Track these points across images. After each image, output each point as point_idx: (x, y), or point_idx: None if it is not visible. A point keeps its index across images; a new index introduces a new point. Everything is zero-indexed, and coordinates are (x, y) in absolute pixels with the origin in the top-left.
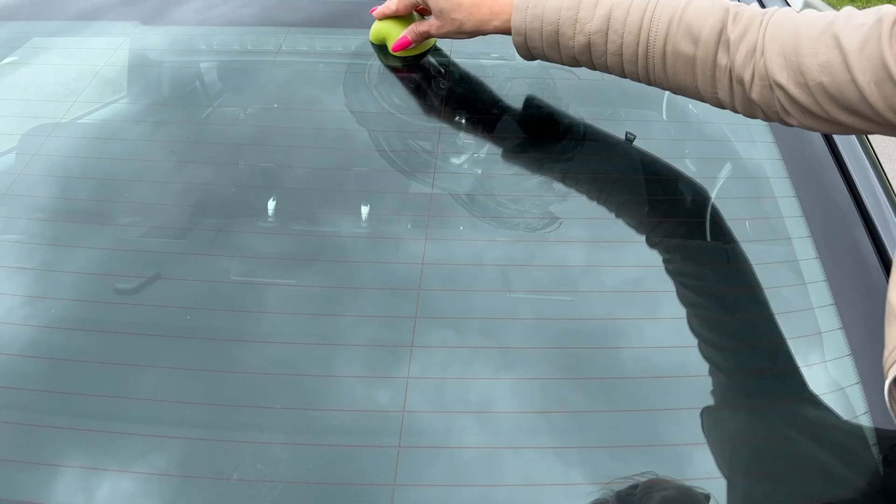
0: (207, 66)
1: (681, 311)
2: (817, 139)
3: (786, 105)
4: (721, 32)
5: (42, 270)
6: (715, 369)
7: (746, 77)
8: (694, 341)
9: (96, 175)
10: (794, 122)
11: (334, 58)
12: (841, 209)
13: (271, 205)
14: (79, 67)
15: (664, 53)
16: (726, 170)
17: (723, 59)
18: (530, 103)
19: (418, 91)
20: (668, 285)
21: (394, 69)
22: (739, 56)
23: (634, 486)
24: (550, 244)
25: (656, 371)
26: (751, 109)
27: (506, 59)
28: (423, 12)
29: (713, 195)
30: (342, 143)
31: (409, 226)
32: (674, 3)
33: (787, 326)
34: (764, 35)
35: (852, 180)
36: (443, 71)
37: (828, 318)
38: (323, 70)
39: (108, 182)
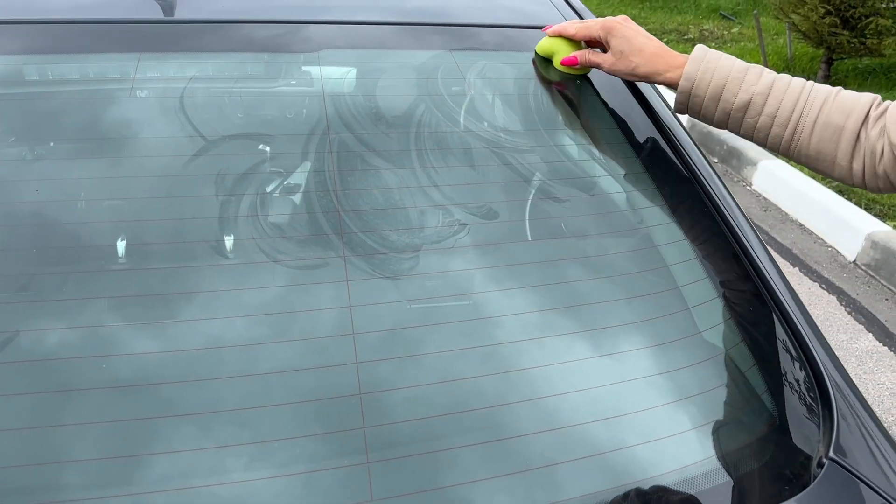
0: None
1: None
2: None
3: None
4: (869, 111)
5: None
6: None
7: (878, 149)
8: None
9: None
10: None
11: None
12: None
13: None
14: None
15: (815, 122)
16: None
17: (862, 133)
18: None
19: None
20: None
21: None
22: (874, 132)
23: None
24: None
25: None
26: (875, 181)
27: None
28: (592, 44)
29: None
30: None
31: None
32: (827, 88)
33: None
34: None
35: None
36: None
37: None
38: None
39: None
